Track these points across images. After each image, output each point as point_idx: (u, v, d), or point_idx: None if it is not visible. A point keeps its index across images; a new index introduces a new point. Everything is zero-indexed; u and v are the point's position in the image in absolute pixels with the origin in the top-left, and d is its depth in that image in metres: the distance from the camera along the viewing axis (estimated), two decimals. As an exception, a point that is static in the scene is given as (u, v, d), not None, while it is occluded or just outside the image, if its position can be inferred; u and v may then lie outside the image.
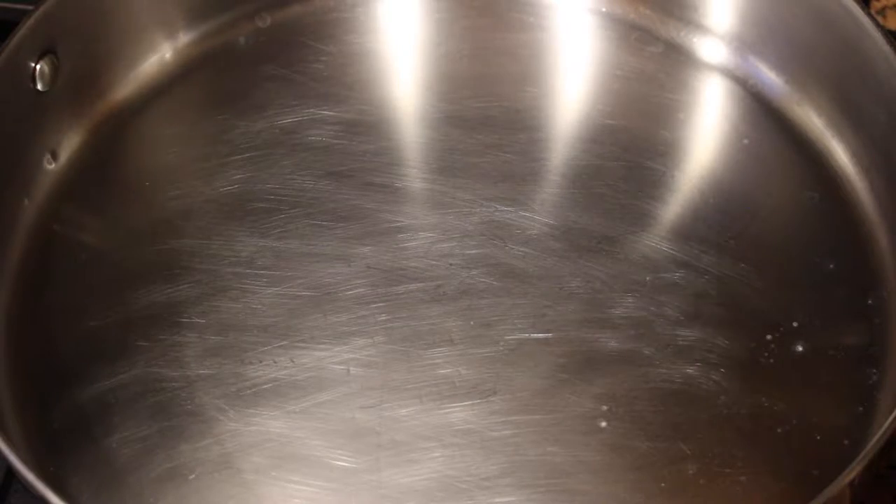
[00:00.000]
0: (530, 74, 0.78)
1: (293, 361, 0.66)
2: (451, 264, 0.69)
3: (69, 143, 0.74)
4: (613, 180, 0.73)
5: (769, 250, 0.70)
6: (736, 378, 0.65)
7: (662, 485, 0.62)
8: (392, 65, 0.79)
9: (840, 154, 0.73)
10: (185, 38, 0.78)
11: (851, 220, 0.71)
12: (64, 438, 0.63)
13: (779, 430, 0.63)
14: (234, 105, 0.77)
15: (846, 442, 0.63)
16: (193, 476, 0.62)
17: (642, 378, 0.65)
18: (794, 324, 0.67)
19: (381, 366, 0.65)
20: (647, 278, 0.69)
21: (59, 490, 0.55)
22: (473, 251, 0.70)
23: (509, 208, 0.71)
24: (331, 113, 0.76)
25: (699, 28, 0.78)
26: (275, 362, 0.66)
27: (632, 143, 0.74)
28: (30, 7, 0.70)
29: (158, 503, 0.61)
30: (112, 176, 0.73)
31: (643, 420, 0.64)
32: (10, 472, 0.64)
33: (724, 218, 0.71)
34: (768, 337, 0.66)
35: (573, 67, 0.79)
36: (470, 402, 0.64)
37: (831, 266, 0.69)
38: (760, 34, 0.76)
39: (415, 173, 0.73)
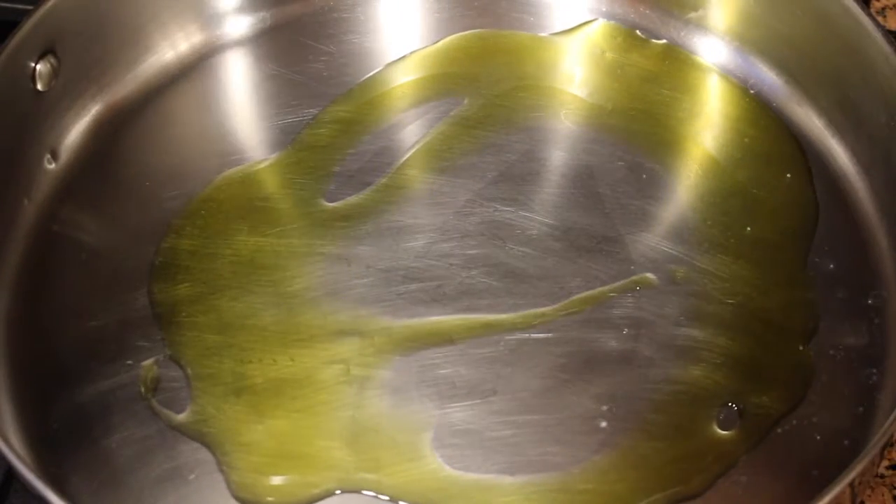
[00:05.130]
0: (530, 74, 0.78)
1: (293, 361, 0.66)
2: (451, 264, 0.69)
3: (69, 143, 0.74)
4: (613, 180, 0.73)
5: (769, 250, 0.70)
6: (736, 378, 0.65)
7: (662, 485, 0.62)
8: (392, 65, 0.78)
9: (840, 154, 0.73)
10: (184, 38, 0.78)
11: (851, 220, 0.71)
12: (64, 438, 0.63)
13: (779, 430, 0.63)
14: (234, 105, 0.77)
15: (846, 442, 0.63)
16: (193, 476, 0.62)
17: (642, 378, 0.65)
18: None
19: (381, 365, 0.65)
20: (647, 278, 0.69)
21: (59, 490, 0.55)
22: (473, 251, 0.70)
23: (509, 208, 0.71)
24: (331, 113, 0.76)
25: (699, 28, 0.78)
26: (275, 361, 0.66)
27: (632, 143, 0.74)
28: (30, 7, 0.70)
29: (158, 503, 0.61)
30: (112, 176, 0.73)
31: (643, 420, 0.64)
32: (10, 472, 0.64)
33: (724, 218, 0.71)
34: (768, 337, 0.66)
35: (573, 67, 0.79)
36: (470, 402, 0.64)
37: (831, 266, 0.69)
38: (760, 34, 0.76)
39: (415, 173, 0.73)
